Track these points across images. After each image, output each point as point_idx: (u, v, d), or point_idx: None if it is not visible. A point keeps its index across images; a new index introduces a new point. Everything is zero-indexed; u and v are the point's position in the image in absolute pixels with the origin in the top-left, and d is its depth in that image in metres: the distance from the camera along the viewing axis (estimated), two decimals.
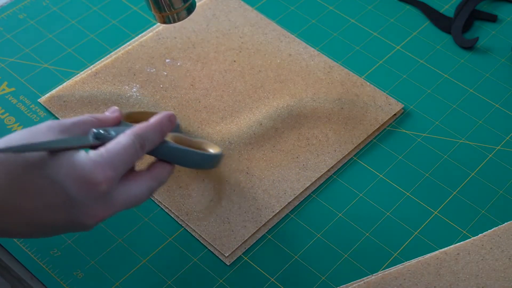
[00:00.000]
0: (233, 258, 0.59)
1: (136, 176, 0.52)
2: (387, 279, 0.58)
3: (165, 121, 0.55)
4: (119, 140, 0.51)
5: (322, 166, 0.65)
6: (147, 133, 0.53)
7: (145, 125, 0.53)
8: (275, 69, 0.71)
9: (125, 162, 0.50)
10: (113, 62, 0.71)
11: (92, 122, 0.54)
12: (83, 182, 0.48)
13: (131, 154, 0.51)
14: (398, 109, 0.69)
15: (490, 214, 0.62)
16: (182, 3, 0.62)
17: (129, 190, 0.51)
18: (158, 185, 0.54)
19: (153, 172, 0.54)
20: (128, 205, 0.51)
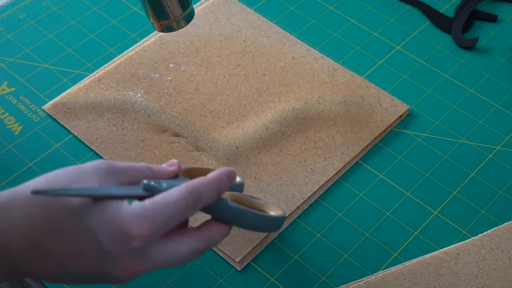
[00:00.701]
0: (244, 264, 0.59)
1: (183, 233, 0.48)
2: (387, 279, 0.58)
3: (223, 178, 0.50)
4: (170, 193, 0.47)
5: (330, 169, 0.65)
6: (202, 189, 0.48)
7: (201, 179, 0.49)
8: (279, 72, 0.71)
9: (171, 218, 0.46)
10: (116, 68, 0.71)
11: (145, 172, 0.51)
12: (117, 234, 0.45)
13: (180, 209, 0.47)
14: (404, 110, 0.69)
15: (490, 214, 0.63)
16: (181, 12, 0.62)
17: (170, 248, 0.47)
18: (206, 246, 0.49)
19: (203, 231, 0.50)
20: (166, 264, 0.47)
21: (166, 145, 0.65)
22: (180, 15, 0.62)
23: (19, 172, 0.65)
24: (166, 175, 0.52)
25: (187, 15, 0.63)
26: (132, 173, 0.50)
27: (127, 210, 0.45)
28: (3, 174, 0.64)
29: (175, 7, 0.61)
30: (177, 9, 0.62)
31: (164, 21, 0.62)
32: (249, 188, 0.63)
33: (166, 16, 0.62)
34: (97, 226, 0.45)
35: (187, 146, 0.66)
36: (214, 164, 0.64)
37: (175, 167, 0.52)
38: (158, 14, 0.61)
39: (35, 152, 0.66)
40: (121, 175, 0.49)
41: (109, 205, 0.45)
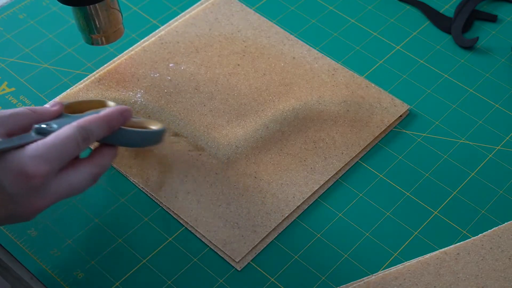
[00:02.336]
0: (244, 264, 0.59)
1: (77, 164, 0.53)
2: (387, 279, 0.58)
3: (115, 115, 0.55)
4: (60, 133, 0.51)
5: (330, 169, 0.65)
6: (92, 126, 0.53)
7: (93, 117, 0.54)
8: (279, 72, 0.71)
9: (63, 155, 0.51)
10: (116, 68, 0.71)
11: (29, 115, 0.54)
12: (17, 176, 0.49)
13: (71, 146, 0.51)
14: (404, 110, 0.69)
15: (490, 214, 0.62)
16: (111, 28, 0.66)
17: (68, 180, 0.52)
18: (101, 170, 0.54)
19: (94, 158, 0.54)
20: (68, 194, 0.52)
21: (166, 145, 0.65)
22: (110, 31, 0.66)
23: None
24: (50, 115, 0.55)
25: (117, 32, 0.67)
26: (17, 118, 0.54)
27: (23, 153, 0.50)
28: None
29: (106, 24, 0.65)
30: (107, 25, 0.65)
31: (94, 35, 0.66)
32: (249, 188, 0.63)
33: (97, 30, 0.65)
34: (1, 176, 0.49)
35: (187, 145, 0.66)
36: (214, 163, 0.64)
37: (58, 106, 0.56)
38: (90, 27, 0.65)
39: None
40: (8, 124, 0.53)
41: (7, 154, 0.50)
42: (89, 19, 0.64)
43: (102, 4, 0.64)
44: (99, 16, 0.64)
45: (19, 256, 0.59)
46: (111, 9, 0.65)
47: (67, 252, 0.60)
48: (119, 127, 0.56)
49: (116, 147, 0.56)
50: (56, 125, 0.53)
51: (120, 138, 0.56)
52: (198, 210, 0.62)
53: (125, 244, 0.60)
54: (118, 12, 0.66)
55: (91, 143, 0.53)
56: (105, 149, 0.56)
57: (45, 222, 0.61)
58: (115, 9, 0.65)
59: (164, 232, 0.61)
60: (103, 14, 0.64)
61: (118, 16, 0.66)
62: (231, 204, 0.62)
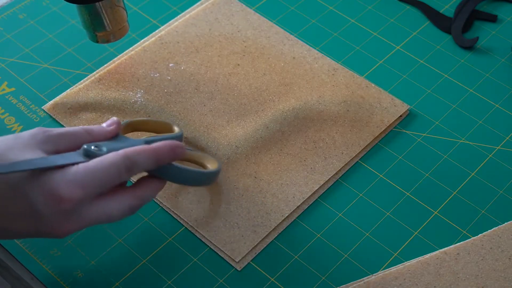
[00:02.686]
0: (244, 264, 0.59)
1: (116, 193, 0.52)
2: (387, 279, 0.58)
3: (166, 151, 0.53)
4: (103, 159, 0.50)
5: (330, 169, 0.65)
6: (139, 157, 0.51)
7: (141, 148, 0.52)
8: (279, 72, 0.71)
9: (101, 182, 0.49)
10: (116, 68, 0.71)
11: (83, 135, 0.53)
12: (49, 197, 0.48)
13: (112, 175, 0.50)
14: (404, 110, 0.69)
15: (490, 214, 0.62)
16: (117, 26, 0.66)
17: (104, 208, 0.51)
18: (141, 203, 0.53)
19: (137, 190, 0.53)
20: (101, 222, 0.51)
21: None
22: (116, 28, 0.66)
23: None
24: (105, 136, 0.54)
25: (122, 29, 0.67)
26: (70, 138, 0.52)
27: (61, 175, 0.49)
28: None
29: (111, 21, 0.65)
30: (112, 23, 0.65)
31: (100, 32, 0.66)
32: (249, 188, 0.63)
33: (101, 28, 0.66)
34: (32, 192, 0.49)
35: (187, 145, 0.66)
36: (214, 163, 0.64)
37: (114, 126, 0.55)
38: (95, 25, 0.65)
39: None
40: (59, 141, 0.52)
41: (45, 173, 0.49)
42: (94, 17, 0.65)
43: (107, 1, 0.64)
44: (104, 14, 0.64)
45: (19, 256, 0.59)
46: (116, 6, 0.65)
47: (67, 252, 0.60)
48: (169, 162, 0.53)
49: (163, 181, 0.54)
50: (105, 148, 0.51)
51: (169, 173, 0.54)
52: (198, 210, 0.62)
53: (125, 244, 0.60)
54: (123, 10, 0.66)
55: (135, 174, 0.52)
56: (151, 181, 0.54)
57: None
58: (120, 7, 0.66)
59: (164, 232, 0.61)
60: (108, 11, 0.64)
61: (123, 13, 0.66)
62: (231, 204, 0.62)
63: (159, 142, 0.53)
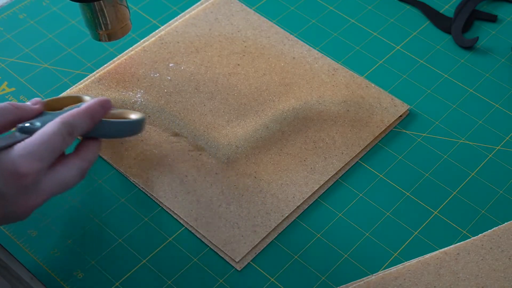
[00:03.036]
0: (244, 264, 0.59)
1: (64, 160, 0.54)
2: (387, 279, 0.58)
3: (96, 107, 0.55)
4: (45, 130, 0.52)
5: (330, 169, 0.64)
6: (76, 121, 0.54)
7: (75, 111, 0.54)
8: (279, 72, 0.71)
9: (51, 151, 0.51)
10: (116, 68, 0.71)
11: (12, 110, 0.55)
12: (10, 175, 0.50)
13: (58, 142, 0.52)
14: (404, 110, 0.69)
15: (490, 214, 0.62)
16: (119, 24, 0.66)
17: (58, 177, 0.53)
18: (88, 164, 0.55)
19: (81, 153, 0.55)
20: (59, 191, 0.53)
21: (166, 145, 0.65)
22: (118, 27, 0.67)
23: None
24: (33, 113, 0.56)
25: (124, 27, 0.67)
26: (1, 113, 0.54)
27: (12, 153, 0.50)
28: None
29: (113, 20, 0.66)
30: (115, 21, 0.66)
31: (102, 30, 0.66)
32: (249, 188, 0.63)
33: (104, 26, 0.66)
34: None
35: (187, 145, 0.66)
36: (214, 163, 0.64)
37: (40, 104, 0.57)
38: (98, 23, 0.66)
39: None
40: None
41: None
42: (96, 15, 0.65)
43: (110, 0, 0.64)
44: (106, 12, 0.64)
45: (19, 256, 0.59)
46: (118, 5, 0.65)
47: (67, 252, 0.60)
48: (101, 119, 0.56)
49: (100, 140, 0.57)
50: (39, 123, 0.54)
51: (102, 130, 0.57)
52: (198, 210, 0.62)
53: (125, 244, 0.60)
54: (126, 8, 0.66)
55: (76, 137, 0.54)
56: (90, 142, 0.56)
57: (45, 222, 0.61)
58: (123, 5, 0.66)
59: (164, 232, 0.61)
60: (110, 10, 0.64)
61: (126, 12, 0.66)
62: (231, 204, 0.62)
63: (88, 102, 0.56)
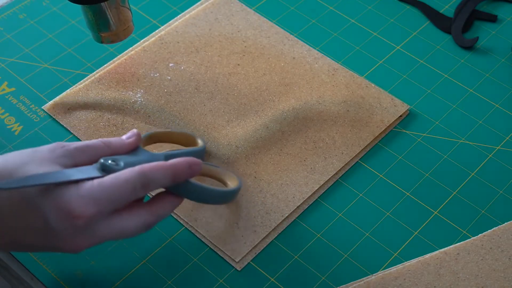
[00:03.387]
0: (244, 264, 0.59)
1: (133, 210, 0.51)
2: (387, 279, 0.58)
3: (183, 168, 0.52)
4: (118, 175, 0.49)
5: (330, 169, 0.64)
6: (155, 174, 0.50)
7: (157, 165, 0.51)
8: (279, 72, 0.71)
9: (117, 200, 0.49)
10: (116, 68, 0.71)
11: (101, 149, 0.52)
12: (62, 213, 0.48)
13: (127, 192, 0.49)
14: (404, 110, 0.69)
15: (490, 214, 0.62)
16: (121, 26, 0.66)
17: (118, 224, 0.50)
18: (156, 220, 0.52)
19: (153, 206, 0.52)
20: (116, 238, 0.51)
21: (166, 145, 0.65)
22: (120, 29, 0.66)
23: None
24: (124, 149, 0.53)
25: (126, 30, 0.67)
26: (88, 151, 0.51)
27: (74, 191, 0.48)
28: None
29: (115, 22, 0.65)
30: (117, 23, 0.65)
31: (105, 33, 0.66)
32: (249, 188, 0.63)
33: (106, 28, 0.65)
34: (46, 207, 0.48)
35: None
36: (214, 163, 0.64)
37: (133, 139, 0.54)
38: (100, 26, 0.65)
39: None
40: (77, 155, 0.51)
41: (60, 187, 0.48)
42: (98, 17, 0.64)
43: (112, 2, 0.64)
44: (108, 14, 0.64)
45: (19, 256, 0.59)
46: (121, 7, 0.65)
47: None
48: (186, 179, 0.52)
49: (180, 198, 0.53)
50: (123, 162, 0.50)
51: (186, 190, 0.53)
52: (198, 210, 0.62)
53: (125, 244, 0.60)
54: (128, 10, 0.66)
55: (151, 191, 0.51)
56: (167, 198, 0.53)
57: None
58: (125, 7, 0.65)
59: (164, 232, 0.61)
60: (112, 12, 0.64)
61: (128, 14, 0.66)
62: (231, 204, 0.62)
63: (176, 159, 0.52)
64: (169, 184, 0.51)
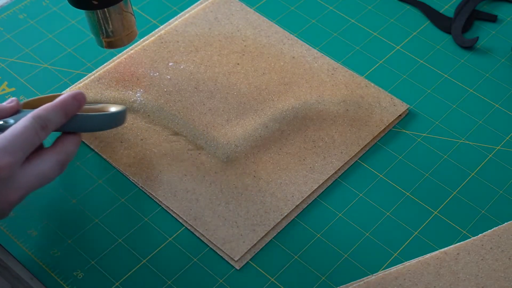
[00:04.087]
0: (243, 263, 0.59)
1: (41, 154, 0.55)
2: (387, 279, 0.58)
3: (69, 100, 0.56)
4: (16, 125, 0.53)
5: (329, 168, 0.64)
6: (48, 114, 0.54)
7: (47, 105, 0.55)
8: (279, 72, 0.71)
9: (24, 145, 0.52)
10: (116, 67, 0.71)
11: None
12: None
13: (30, 136, 0.53)
14: (403, 110, 0.69)
15: (490, 214, 0.62)
16: (124, 31, 0.66)
17: (35, 170, 0.54)
18: (67, 157, 0.56)
19: (58, 146, 0.56)
20: (37, 184, 0.54)
21: (166, 144, 0.65)
22: (123, 34, 0.66)
23: None
24: (8, 111, 0.57)
25: (130, 34, 0.67)
26: None
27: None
28: None
29: (119, 27, 0.65)
30: (120, 28, 0.66)
31: (108, 38, 0.66)
32: (248, 187, 0.63)
33: (110, 34, 0.66)
34: None
35: (186, 144, 0.66)
36: (213, 162, 0.64)
37: (15, 102, 0.58)
38: (103, 31, 0.65)
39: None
40: None
41: None
42: (102, 23, 0.64)
43: (115, 7, 0.63)
44: (112, 20, 0.64)
45: (19, 256, 0.59)
46: (124, 12, 0.65)
47: (67, 252, 0.59)
48: (76, 113, 0.57)
49: (78, 134, 0.58)
50: (13, 120, 0.55)
51: (78, 124, 0.57)
52: (197, 209, 0.62)
53: (125, 244, 0.60)
54: (131, 15, 0.66)
55: (50, 131, 0.55)
56: (67, 136, 0.57)
57: (45, 222, 0.61)
58: (128, 12, 0.65)
59: (164, 232, 0.61)
60: (116, 17, 0.64)
61: (132, 19, 0.66)
62: (230, 203, 0.62)
63: (61, 96, 0.56)
64: (63, 119, 0.56)
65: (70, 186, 0.64)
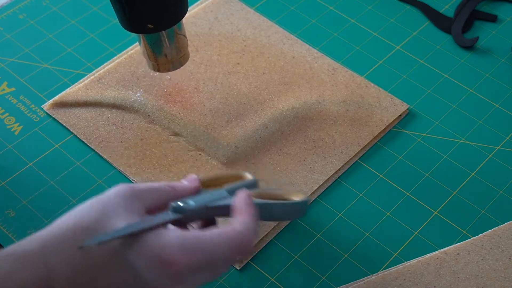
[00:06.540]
0: (243, 263, 0.59)
1: None
2: (387, 279, 0.58)
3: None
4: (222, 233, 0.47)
5: (329, 169, 0.64)
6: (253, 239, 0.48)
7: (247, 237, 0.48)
8: (279, 72, 0.71)
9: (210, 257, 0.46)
10: (116, 67, 0.71)
11: (169, 192, 0.51)
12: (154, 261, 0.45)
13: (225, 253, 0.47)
14: (403, 110, 0.69)
15: (490, 214, 0.62)
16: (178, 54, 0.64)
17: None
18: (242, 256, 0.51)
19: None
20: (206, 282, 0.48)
21: (166, 144, 0.65)
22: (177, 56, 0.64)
23: (19, 172, 0.65)
24: (190, 192, 0.52)
25: (183, 57, 0.65)
26: (156, 195, 0.50)
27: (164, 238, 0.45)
28: (3, 174, 0.64)
29: (172, 50, 0.63)
30: (174, 51, 0.64)
31: (161, 61, 0.64)
32: None
33: (164, 56, 0.64)
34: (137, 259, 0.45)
35: (186, 145, 0.66)
36: (214, 163, 0.64)
37: (197, 183, 0.52)
38: (157, 54, 0.63)
39: (35, 152, 0.66)
40: (145, 198, 0.49)
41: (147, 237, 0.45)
42: (155, 46, 0.63)
43: (170, 30, 0.62)
44: (166, 43, 0.63)
45: None
46: (178, 35, 0.63)
47: None
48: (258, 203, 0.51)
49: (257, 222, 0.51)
50: (193, 202, 0.50)
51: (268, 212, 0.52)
52: None
53: None
54: (184, 37, 0.64)
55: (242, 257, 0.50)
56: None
57: (46, 222, 0.61)
58: (181, 35, 0.64)
59: None
60: (170, 40, 0.63)
61: (185, 41, 0.64)
62: None
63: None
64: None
65: (70, 186, 0.64)
